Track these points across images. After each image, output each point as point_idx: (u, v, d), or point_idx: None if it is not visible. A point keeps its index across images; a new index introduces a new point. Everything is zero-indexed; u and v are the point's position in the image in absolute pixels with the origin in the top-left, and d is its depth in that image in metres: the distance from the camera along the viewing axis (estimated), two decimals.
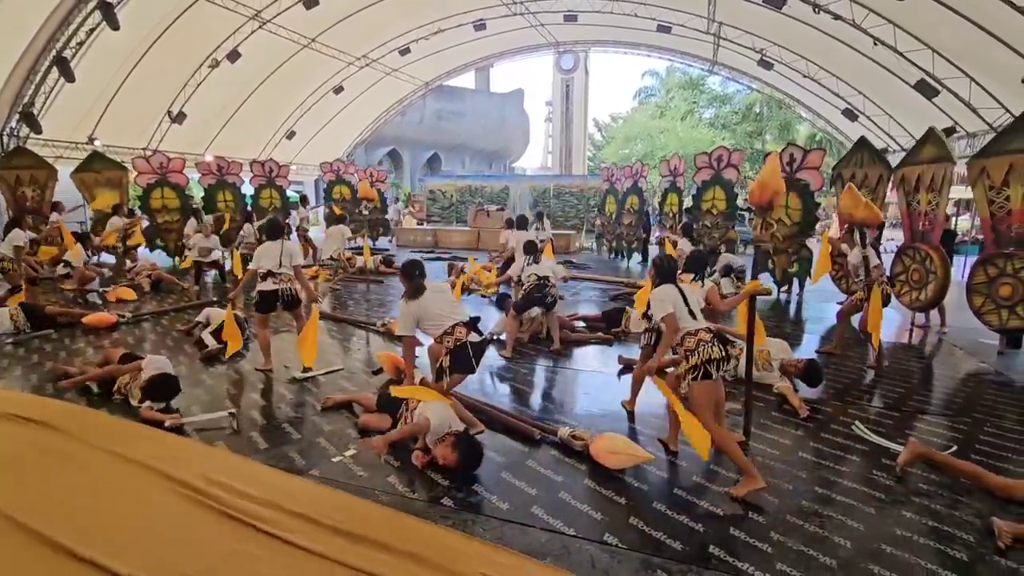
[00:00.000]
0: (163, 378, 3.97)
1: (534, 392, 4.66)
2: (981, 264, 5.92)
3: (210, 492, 2.67)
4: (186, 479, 2.78)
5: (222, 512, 2.55)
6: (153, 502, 2.68)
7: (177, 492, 2.71)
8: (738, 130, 31.58)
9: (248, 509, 2.56)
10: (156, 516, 2.58)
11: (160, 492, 2.73)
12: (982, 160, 5.82)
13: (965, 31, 10.19)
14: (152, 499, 2.70)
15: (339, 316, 7.10)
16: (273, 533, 2.41)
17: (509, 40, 20.96)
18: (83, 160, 11.19)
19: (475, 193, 19.42)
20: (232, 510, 2.55)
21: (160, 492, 2.73)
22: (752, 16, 14.15)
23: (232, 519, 2.51)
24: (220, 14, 13.36)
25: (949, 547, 2.58)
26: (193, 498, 2.66)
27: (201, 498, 2.65)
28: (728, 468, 3.27)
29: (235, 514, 2.53)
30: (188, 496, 2.67)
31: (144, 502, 2.68)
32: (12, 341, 5.76)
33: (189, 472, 2.85)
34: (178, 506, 2.63)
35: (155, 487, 2.77)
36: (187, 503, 2.64)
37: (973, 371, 5.40)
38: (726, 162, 10.18)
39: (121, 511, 2.61)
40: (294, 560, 2.28)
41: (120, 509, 2.63)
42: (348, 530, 2.44)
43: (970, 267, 6.14)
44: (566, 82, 35.83)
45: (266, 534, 2.41)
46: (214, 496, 2.65)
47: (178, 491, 2.72)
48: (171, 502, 2.66)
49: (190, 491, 2.70)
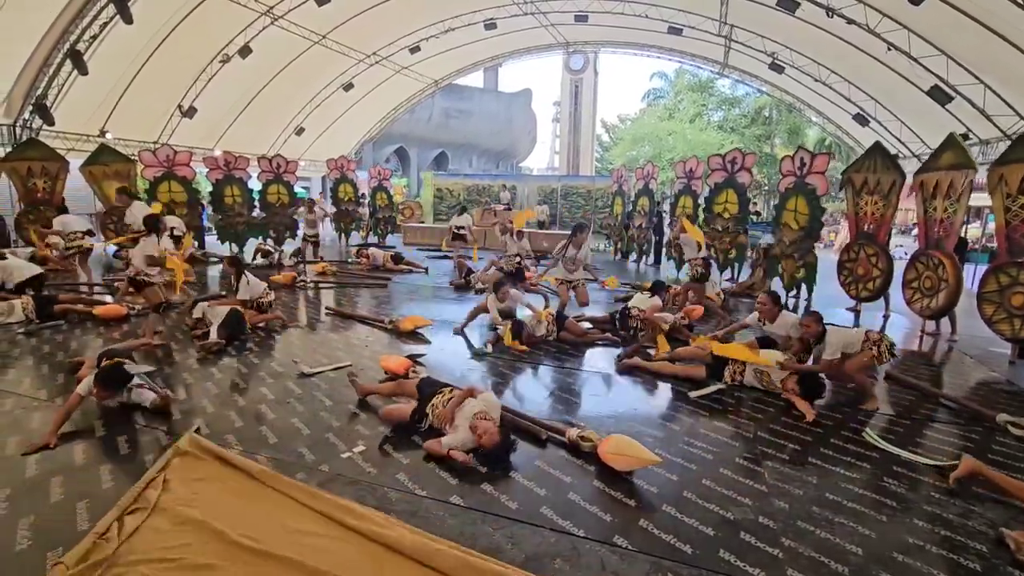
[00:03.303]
0: (115, 367, 3.80)
1: (542, 393, 4.66)
2: (993, 272, 5.87)
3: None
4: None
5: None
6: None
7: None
8: (747, 133, 31.41)
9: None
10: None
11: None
12: (1001, 167, 5.78)
13: (980, 37, 10.12)
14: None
15: (348, 312, 7.11)
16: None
17: (519, 40, 20.95)
18: (91, 153, 11.26)
19: (482, 192, 19.43)
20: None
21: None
22: (764, 19, 14.09)
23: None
24: (232, 9, 13.41)
25: (962, 556, 2.56)
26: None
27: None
28: (734, 471, 3.26)
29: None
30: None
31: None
32: (23, 331, 5.81)
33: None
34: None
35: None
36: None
37: (984, 380, 5.36)
38: (740, 165, 10.05)
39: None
40: None
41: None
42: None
43: (981, 275, 6.09)
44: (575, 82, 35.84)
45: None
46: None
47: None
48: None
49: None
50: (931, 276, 6.58)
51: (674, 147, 29.88)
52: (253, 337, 5.87)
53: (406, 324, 6.18)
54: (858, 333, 4.53)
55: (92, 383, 3.60)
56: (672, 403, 4.44)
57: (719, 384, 4.71)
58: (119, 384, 3.75)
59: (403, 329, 6.15)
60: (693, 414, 4.19)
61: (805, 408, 4.13)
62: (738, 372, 4.72)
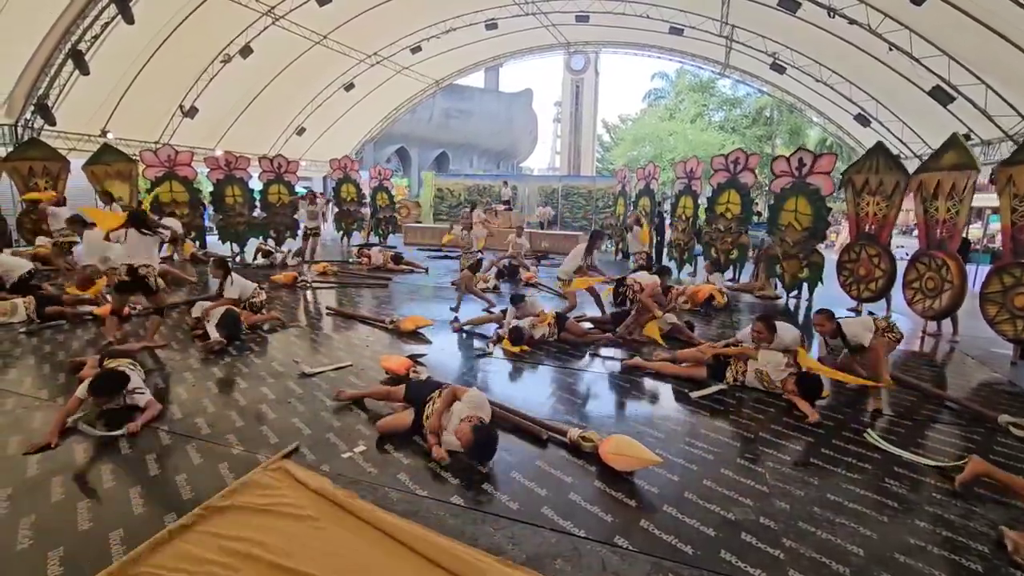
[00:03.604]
0: (109, 375, 3.80)
1: (543, 393, 4.65)
2: (997, 273, 5.86)
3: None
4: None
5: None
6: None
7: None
8: (748, 134, 31.42)
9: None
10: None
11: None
12: (1009, 168, 5.76)
13: (982, 37, 10.10)
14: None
15: (348, 312, 7.12)
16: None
17: (520, 40, 20.96)
18: (93, 152, 11.27)
19: (483, 192, 19.44)
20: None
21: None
22: (765, 19, 14.08)
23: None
24: (233, 9, 13.43)
25: (963, 557, 2.56)
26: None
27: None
28: (735, 472, 3.26)
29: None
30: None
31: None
32: (24, 331, 5.81)
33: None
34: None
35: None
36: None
37: (986, 381, 5.34)
38: (743, 165, 10.03)
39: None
40: None
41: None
42: None
43: (985, 276, 6.08)
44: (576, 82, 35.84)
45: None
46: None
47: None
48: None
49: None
50: (934, 277, 6.57)
51: (675, 147, 29.89)
52: (254, 337, 5.88)
53: (407, 324, 6.18)
54: (868, 319, 4.62)
55: (87, 389, 3.61)
56: (673, 403, 4.44)
57: (720, 384, 4.71)
58: (112, 391, 3.73)
59: (404, 329, 6.15)
60: (694, 414, 4.18)
61: (807, 409, 4.12)
62: (740, 373, 4.71)
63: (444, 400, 3.50)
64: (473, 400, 3.50)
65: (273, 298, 7.60)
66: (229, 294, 6.04)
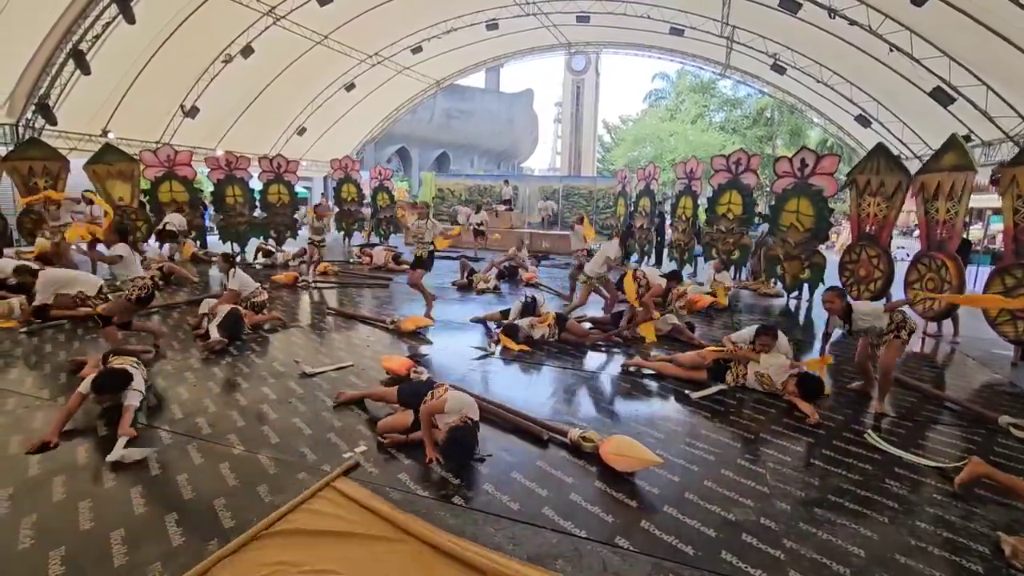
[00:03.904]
0: (114, 373, 3.79)
1: (544, 393, 4.66)
2: (999, 274, 5.86)
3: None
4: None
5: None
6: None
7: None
8: (748, 134, 31.40)
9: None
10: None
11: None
12: (1012, 169, 5.76)
13: (982, 39, 10.10)
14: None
15: (349, 312, 7.12)
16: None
17: (521, 40, 20.96)
18: (95, 152, 11.27)
19: (483, 192, 19.44)
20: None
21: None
22: (766, 20, 14.08)
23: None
24: (234, 9, 13.43)
25: (964, 558, 2.56)
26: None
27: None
28: (736, 472, 3.26)
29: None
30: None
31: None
32: (25, 331, 5.81)
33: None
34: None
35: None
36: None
37: (986, 382, 5.34)
38: (745, 166, 10.03)
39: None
40: None
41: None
42: None
43: (987, 277, 6.08)
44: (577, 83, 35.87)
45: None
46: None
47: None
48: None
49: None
50: (934, 278, 6.57)
51: (675, 148, 29.89)
52: (255, 337, 5.88)
53: (408, 324, 6.18)
54: (880, 306, 4.42)
55: (90, 385, 3.60)
56: (674, 404, 4.44)
57: (721, 385, 4.71)
58: (115, 389, 3.72)
59: (405, 329, 6.15)
60: (694, 415, 4.18)
61: (808, 410, 4.12)
62: (740, 374, 4.71)
63: (432, 407, 3.38)
64: (457, 405, 3.35)
65: (274, 298, 7.60)
66: (231, 286, 6.29)
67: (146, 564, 2.36)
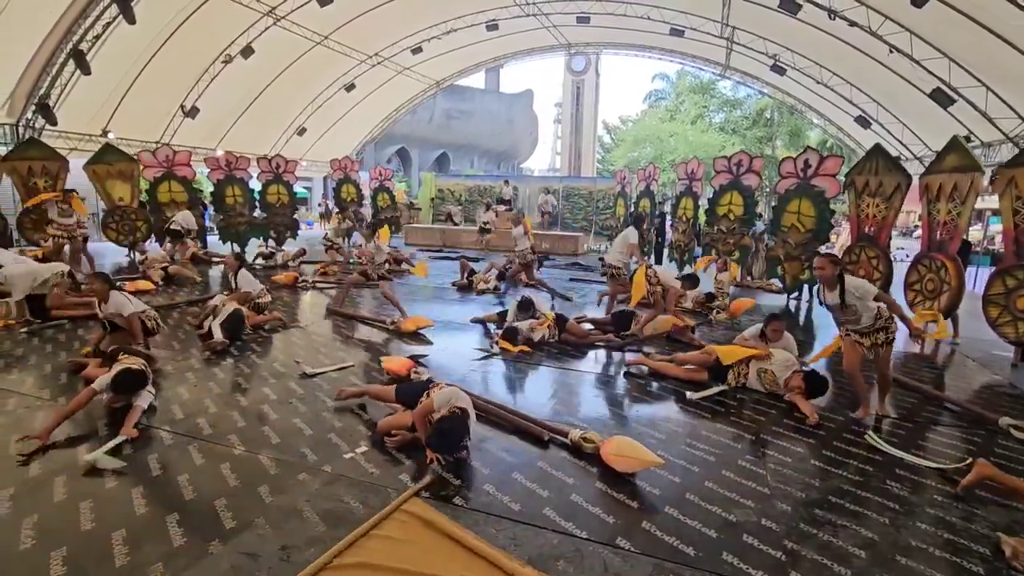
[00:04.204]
0: (136, 373, 3.82)
1: (544, 394, 4.66)
2: (999, 275, 5.87)
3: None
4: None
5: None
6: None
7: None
8: (748, 135, 31.42)
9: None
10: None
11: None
12: (1011, 170, 5.77)
13: (982, 40, 10.11)
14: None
15: (349, 313, 7.12)
16: None
17: (521, 41, 20.98)
18: (95, 152, 11.28)
19: (484, 193, 19.44)
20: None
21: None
22: (766, 21, 14.09)
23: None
24: (234, 10, 13.43)
25: (965, 559, 2.56)
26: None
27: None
28: (737, 473, 3.26)
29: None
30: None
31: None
32: (25, 331, 5.81)
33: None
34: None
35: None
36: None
37: (986, 383, 5.35)
38: (746, 167, 10.00)
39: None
40: None
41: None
42: None
43: (987, 278, 6.08)
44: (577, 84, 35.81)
45: None
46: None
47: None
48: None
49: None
50: (934, 278, 6.57)
51: (675, 148, 29.91)
52: (255, 337, 5.88)
53: (408, 325, 6.18)
54: (870, 286, 4.23)
55: (109, 383, 3.62)
56: (674, 405, 4.44)
57: (721, 386, 4.71)
58: (133, 389, 3.76)
59: (405, 330, 6.15)
60: (695, 416, 4.18)
61: (808, 410, 4.12)
62: (742, 375, 4.71)
63: (425, 409, 3.37)
64: (447, 400, 3.34)
65: (274, 298, 7.60)
66: (243, 287, 6.50)
67: (147, 564, 2.36)
